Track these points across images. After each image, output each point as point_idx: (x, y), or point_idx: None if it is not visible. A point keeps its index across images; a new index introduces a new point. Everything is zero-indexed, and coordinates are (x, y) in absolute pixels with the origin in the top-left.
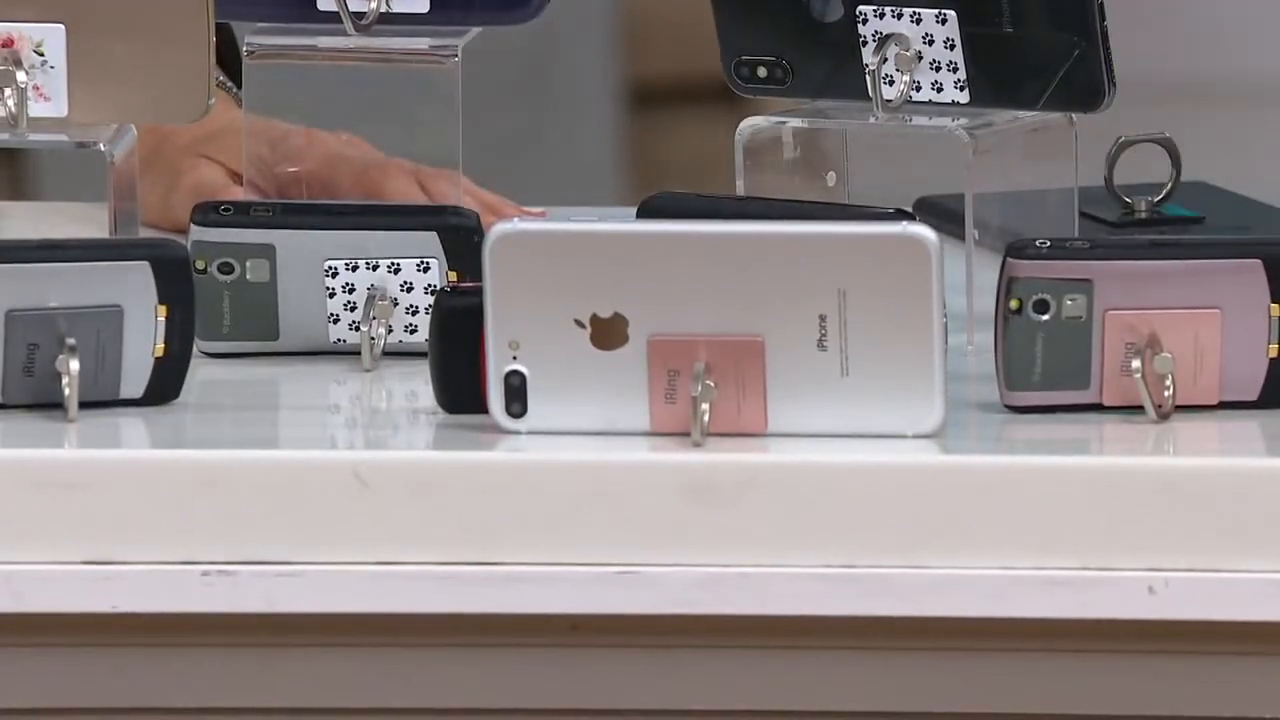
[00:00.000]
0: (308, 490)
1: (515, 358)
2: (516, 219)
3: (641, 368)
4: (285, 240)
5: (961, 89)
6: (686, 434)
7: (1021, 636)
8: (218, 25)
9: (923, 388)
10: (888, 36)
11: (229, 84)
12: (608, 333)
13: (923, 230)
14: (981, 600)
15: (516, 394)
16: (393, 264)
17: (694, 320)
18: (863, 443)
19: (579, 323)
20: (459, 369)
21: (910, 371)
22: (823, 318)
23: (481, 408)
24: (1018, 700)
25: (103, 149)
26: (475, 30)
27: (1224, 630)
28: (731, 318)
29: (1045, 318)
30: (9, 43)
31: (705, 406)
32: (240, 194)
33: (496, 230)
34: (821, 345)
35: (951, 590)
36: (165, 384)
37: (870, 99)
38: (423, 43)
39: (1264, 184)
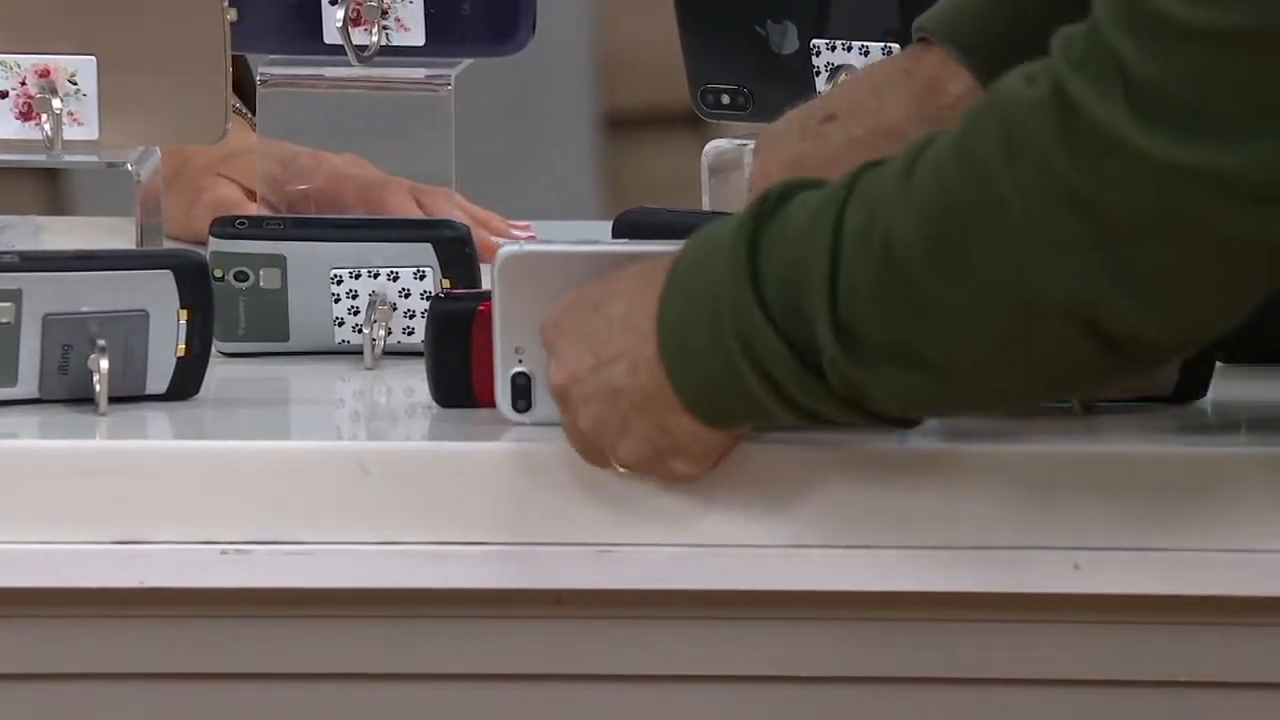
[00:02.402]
0: (316, 477)
1: (520, 361)
2: (521, 243)
3: None
4: (295, 251)
5: None
6: None
7: (964, 607)
8: (234, 57)
9: None
10: (839, 67)
11: (244, 110)
12: None
13: None
14: (929, 575)
15: (522, 392)
16: (392, 272)
17: None
18: (823, 434)
19: None
20: (452, 367)
21: None
22: None
23: (472, 402)
24: (968, 666)
25: (130, 169)
26: (467, 61)
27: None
28: None
29: None
30: (46, 73)
31: None
32: (255, 209)
33: (504, 252)
34: None
35: (901, 566)
36: (187, 381)
37: None
38: (419, 73)
39: None
